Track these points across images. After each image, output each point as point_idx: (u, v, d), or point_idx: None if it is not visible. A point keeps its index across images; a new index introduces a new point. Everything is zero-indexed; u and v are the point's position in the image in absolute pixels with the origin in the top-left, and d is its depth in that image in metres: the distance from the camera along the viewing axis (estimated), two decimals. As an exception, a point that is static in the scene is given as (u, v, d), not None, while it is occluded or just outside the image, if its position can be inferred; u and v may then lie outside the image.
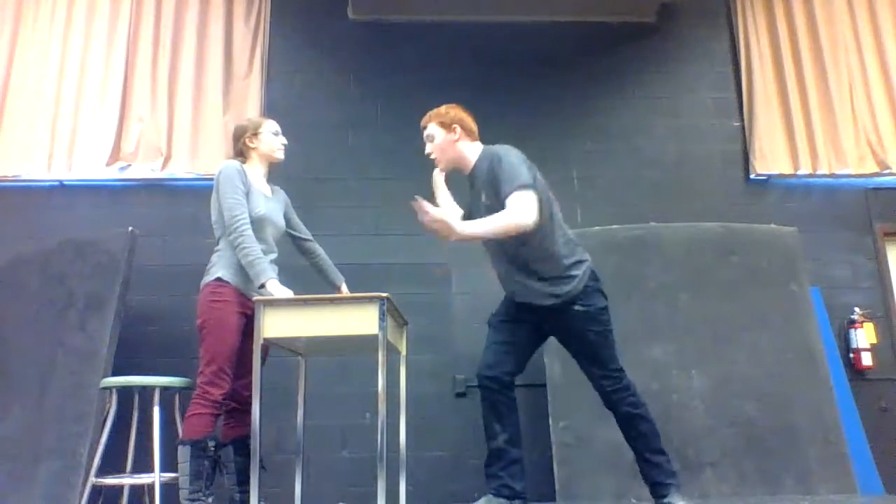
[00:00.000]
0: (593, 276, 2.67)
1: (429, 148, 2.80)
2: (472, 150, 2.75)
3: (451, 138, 2.73)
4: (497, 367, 2.66)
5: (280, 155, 3.00)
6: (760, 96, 4.68)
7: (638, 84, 4.71)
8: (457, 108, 2.79)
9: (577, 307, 2.60)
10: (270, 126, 2.99)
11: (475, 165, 2.72)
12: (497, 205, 2.53)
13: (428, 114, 2.80)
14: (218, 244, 2.83)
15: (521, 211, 2.45)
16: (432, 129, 2.77)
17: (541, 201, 2.54)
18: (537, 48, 4.71)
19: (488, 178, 2.60)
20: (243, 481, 2.73)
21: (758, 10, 4.84)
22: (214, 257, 2.81)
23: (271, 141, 2.96)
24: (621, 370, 2.66)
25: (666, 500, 2.56)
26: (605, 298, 2.68)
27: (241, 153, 2.96)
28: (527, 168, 2.55)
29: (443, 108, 2.78)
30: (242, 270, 2.72)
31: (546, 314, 2.66)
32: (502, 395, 2.64)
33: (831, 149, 4.61)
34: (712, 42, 4.84)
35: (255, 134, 2.94)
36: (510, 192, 2.47)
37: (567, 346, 2.73)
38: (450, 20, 4.70)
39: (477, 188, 2.70)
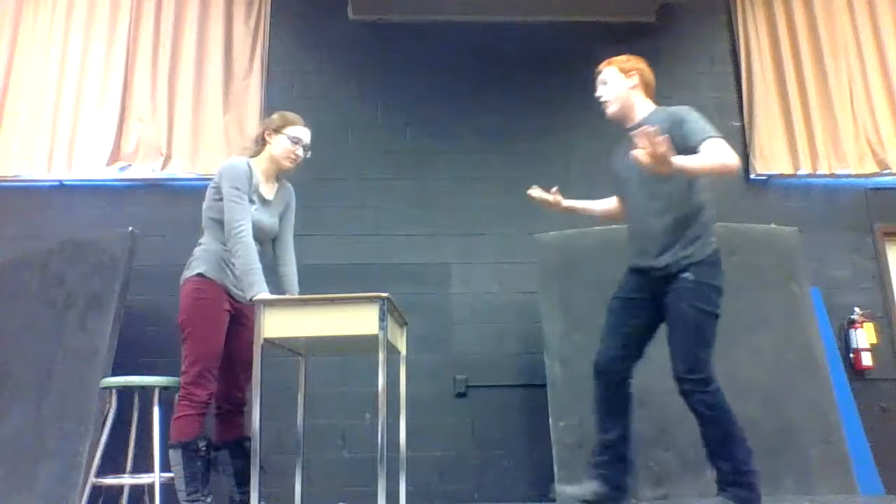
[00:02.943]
0: (719, 255, 2.55)
1: (600, 91, 2.75)
2: (643, 104, 2.70)
3: (628, 84, 2.69)
4: (617, 360, 2.62)
5: (287, 164, 2.82)
6: (760, 96, 4.68)
7: (638, 84, 4.71)
8: (639, 59, 2.74)
9: (687, 274, 2.49)
10: (294, 131, 2.82)
11: (644, 119, 2.62)
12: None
13: (606, 60, 2.77)
14: (203, 235, 2.74)
15: (726, 152, 2.35)
16: (608, 74, 2.73)
17: None
18: (537, 48, 4.71)
19: (666, 128, 2.40)
20: (242, 482, 2.73)
21: (758, 10, 4.84)
22: (197, 251, 2.72)
23: (285, 146, 2.79)
24: (701, 361, 2.47)
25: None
26: (723, 287, 2.53)
27: (258, 142, 2.85)
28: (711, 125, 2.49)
29: (623, 57, 2.74)
30: (226, 267, 2.67)
31: (658, 284, 2.56)
32: (616, 390, 2.60)
33: (831, 149, 4.61)
34: (712, 42, 4.84)
35: (277, 131, 2.81)
36: (703, 139, 2.40)
37: (667, 324, 2.59)
38: (450, 20, 4.70)
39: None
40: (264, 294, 2.51)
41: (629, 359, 2.64)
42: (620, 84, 2.71)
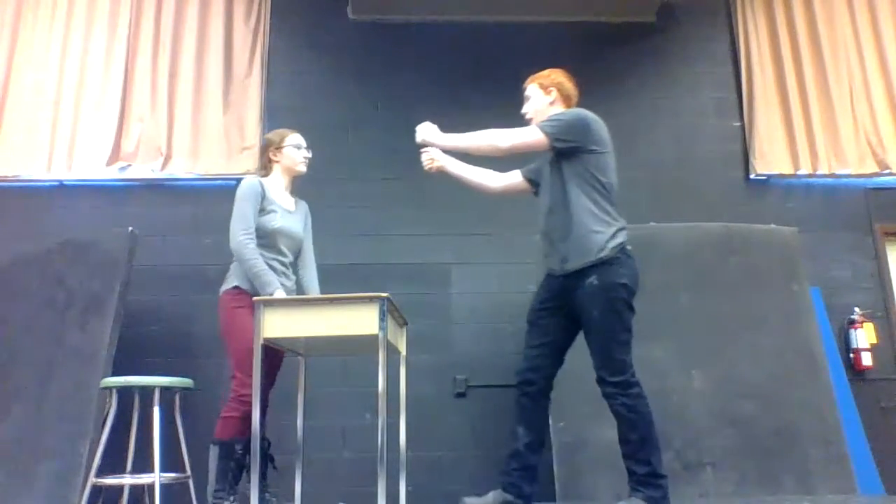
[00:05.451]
0: (625, 252, 2.56)
1: (525, 108, 2.87)
2: None
3: (546, 100, 2.80)
4: (534, 370, 2.65)
5: (302, 168, 3.07)
6: (760, 96, 4.68)
7: (638, 84, 4.71)
8: (559, 73, 2.86)
9: (592, 279, 2.51)
10: (293, 139, 3.05)
11: None
12: (559, 162, 2.64)
13: (531, 76, 2.87)
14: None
15: (507, 133, 2.62)
16: (531, 90, 2.85)
17: (578, 153, 2.61)
18: (537, 48, 4.70)
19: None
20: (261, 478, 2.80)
21: (758, 10, 4.84)
22: (232, 266, 2.89)
23: (293, 155, 3.03)
24: (620, 363, 2.50)
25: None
26: (631, 282, 2.54)
27: (265, 166, 3.05)
28: (567, 125, 2.61)
29: (546, 71, 2.86)
30: None
31: (568, 291, 2.59)
32: (533, 401, 2.64)
33: (831, 149, 4.61)
34: (712, 42, 4.84)
35: (279, 148, 3.01)
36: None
37: (583, 329, 2.62)
38: (450, 20, 4.70)
39: None
40: (280, 293, 2.69)
41: (544, 372, 2.67)
42: (541, 101, 2.82)
